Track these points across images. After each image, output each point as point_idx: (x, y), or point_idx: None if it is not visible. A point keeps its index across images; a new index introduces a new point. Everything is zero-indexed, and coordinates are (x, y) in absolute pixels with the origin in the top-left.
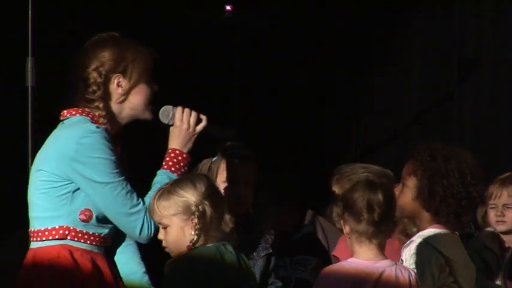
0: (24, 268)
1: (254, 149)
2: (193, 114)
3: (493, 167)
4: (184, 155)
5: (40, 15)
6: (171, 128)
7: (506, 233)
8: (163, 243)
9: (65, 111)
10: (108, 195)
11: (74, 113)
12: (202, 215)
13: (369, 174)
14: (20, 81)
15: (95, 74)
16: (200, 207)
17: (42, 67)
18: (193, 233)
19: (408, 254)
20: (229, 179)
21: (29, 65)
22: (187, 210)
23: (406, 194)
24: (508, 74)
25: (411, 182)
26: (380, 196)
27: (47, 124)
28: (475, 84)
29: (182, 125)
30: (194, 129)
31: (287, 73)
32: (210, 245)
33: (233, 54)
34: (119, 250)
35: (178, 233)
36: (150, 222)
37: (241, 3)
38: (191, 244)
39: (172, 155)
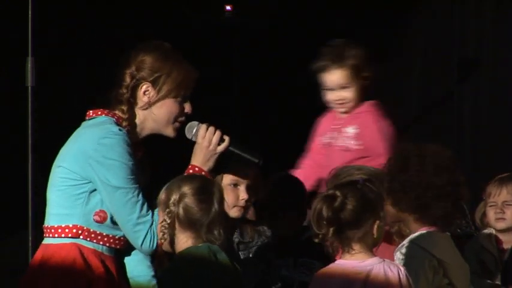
0: (31, 265)
1: (254, 149)
2: (217, 133)
3: (492, 167)
4: (203, 173)
5: (40, 15)
6: (195, 145)
7: (504, 231)
8: None
9: (91, 111)
10: (118, 200)
11: (99, 113)
12: (172, 215)
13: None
14: (20, 81)
15: (128, 77)
16: (173, 206)
17: (42, 67)
18: (159, 230)
19: (400, 258)
20: (232, 182)
21: (29, 65)
22: (164, 206)
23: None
24: (508, 74)
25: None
26: (324, 211)
27: (47, 124)
28: (475, 84)
29: (203, 142)
30: (215, 148)
31: (287, 73)
32: (201, 245)
33: (233, 54)
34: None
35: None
36: (154, 236)
37: (241, 3)
38: (161, 241)
39: (191, 170)
